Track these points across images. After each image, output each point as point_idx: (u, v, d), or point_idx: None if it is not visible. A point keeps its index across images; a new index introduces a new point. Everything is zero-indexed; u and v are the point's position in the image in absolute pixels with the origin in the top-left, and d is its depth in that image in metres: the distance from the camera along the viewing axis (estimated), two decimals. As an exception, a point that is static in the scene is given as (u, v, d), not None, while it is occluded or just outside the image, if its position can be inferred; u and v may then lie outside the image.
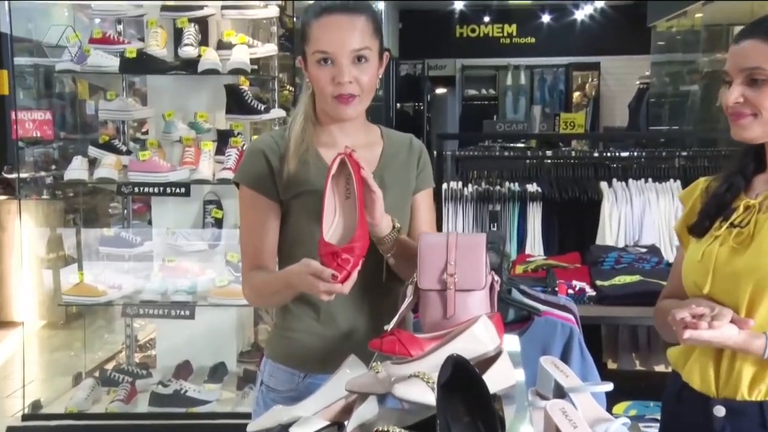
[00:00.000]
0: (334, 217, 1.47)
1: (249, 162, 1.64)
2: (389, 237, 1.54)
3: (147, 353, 4.05)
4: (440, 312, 1.40)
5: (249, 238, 1.63)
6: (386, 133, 1.72)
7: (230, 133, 3.48)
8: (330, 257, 1.36)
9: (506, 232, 3.69)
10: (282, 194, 1.60)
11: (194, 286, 3.47)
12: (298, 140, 1.60)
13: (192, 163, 3.44)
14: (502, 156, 4.27)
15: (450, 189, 3.79)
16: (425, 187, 1.72)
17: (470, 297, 1.40)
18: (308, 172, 1.59)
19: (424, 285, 1.42)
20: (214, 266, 3.53)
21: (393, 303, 1.55)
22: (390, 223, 1.54)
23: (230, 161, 3.37)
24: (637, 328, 3.27)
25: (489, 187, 3.82)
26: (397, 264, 1.59)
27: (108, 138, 3.67)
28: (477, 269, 1.41)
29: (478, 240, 1.45)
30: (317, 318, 1.62)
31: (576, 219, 3.75)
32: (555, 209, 3.77)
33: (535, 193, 3.75)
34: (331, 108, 1.57)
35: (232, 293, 3.35)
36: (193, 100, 3.61)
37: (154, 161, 3.40)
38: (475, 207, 3.76)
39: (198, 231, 3.55)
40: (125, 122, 3.76)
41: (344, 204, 1.48)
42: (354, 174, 1.45)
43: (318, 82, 1.55)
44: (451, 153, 4.12)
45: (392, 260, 1.58)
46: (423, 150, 1.73)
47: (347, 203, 1.48)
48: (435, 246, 1.43)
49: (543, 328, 2.02)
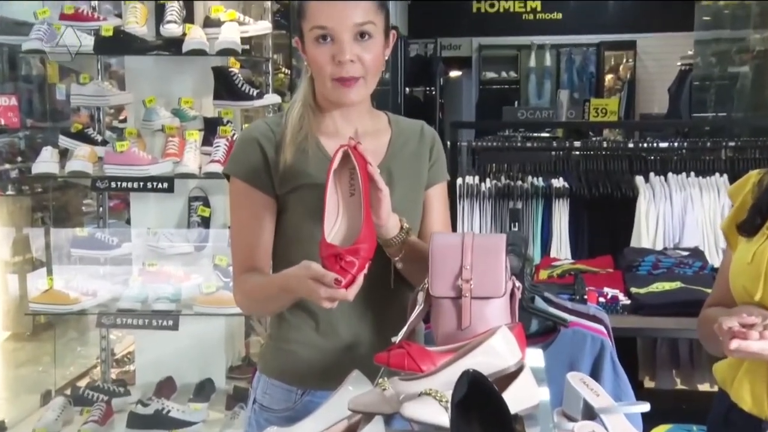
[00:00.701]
0: (337, 215, 1.47)
1: (241, 151, 1.64)
2: (397, 239, 1.54)
3: (125, 368, 4.06)
4: (454, 322, 1.41)
5: (241, 237, 1.63)
6: (394, 120, 1.72)
7: (219, 122, 3.46)
8: (332, 260, 1.37)
9: (529, 233, 3.73)
10: (278, 188, 1.60)
11: (178, 293, 3.46)
12: (295, 128, 1.60)
13: (176, 155, 3.43)
14: (524, 147, 4.32)
15: (465, 184, 3.84)
16: (438, 181, 1.72)
17: (488, 305, 1.40)
18: (307, 163, 1.59)
19: (437, 292, 1.43)
20: (201, 271, 3.53)
21: (401, 312, 1.55)
22: (397, 223, 1.55)
23: (219, 153, 3.36)
24: (677, 341, 3.27)
25: (509, 182, 3.88)
26: (406, 268, 1.59)
27: (81, 127, 3.66)
28: (496, 274, 1.41)
29: (497, 241, 1.45)
30: (317, 328, 1.63)
31: (608, 218, 3.77)
32: (584, 207, 3.78)
33: (561, 188, 3.78)
34: (332, 92, 1.57)
35: (220, 301, 3.35)
36: (176, 84, 3.61)
37: (132, 153, 3.39)
38: (494, 204, 3.79)
39: (182, 231, 3.55)
40: (100, 109, 3.76)
41: (348, 201, 1.48)
42: (359, 168, 1.45)
43: (316, 62, 1.55)
44: (467, 144, 4.13)
45: (400, 264, 1.58)
46: (436, 139, 1.74)
47: (352, 200, 1.48)
48: (449, 248, 1.43)
49: (570, 340, 2.02)
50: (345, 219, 1.47)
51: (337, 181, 1.48)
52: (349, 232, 1.45)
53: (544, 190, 3.78)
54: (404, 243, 1.55)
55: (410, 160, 1.68)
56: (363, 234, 1.40)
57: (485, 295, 1.40)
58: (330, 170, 1.46)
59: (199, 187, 3.56)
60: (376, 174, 1.47)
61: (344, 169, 1.49)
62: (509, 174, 3.92)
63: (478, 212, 3.79)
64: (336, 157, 1.47)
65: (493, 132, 6.14)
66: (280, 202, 1.62)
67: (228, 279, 3.40)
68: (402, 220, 1.56)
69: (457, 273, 1.41)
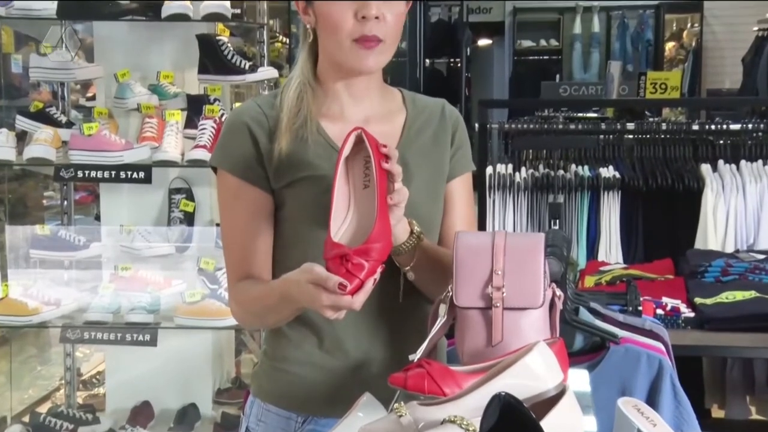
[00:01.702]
0: (347, 211, 1.48)
1: (228, 139, 1.65)
2: (406, 245, 1.55)
3: (93, 391, 4.10)
4: (483, 337, 1.41)
5: (234, 240, 1.65)
6: (410, 98, 1.72)
7: (204, 100, 3.47)
8: (338, 261, 1.38)
9: (572, 232, 3.72)
10: (273, 181, 1.61)
11: (157, 303, 3.48)
12: (292, 110, 1.60)
13: (154, 139, 3.44)
14: (566, 130, 4.28)
15: (497, 174, 3.84)
16: (463, 172, 1.72)
17: (523, 317, 1.41)
18: (307, 151, 1.60)
19: (463, 301, 1.43)
20: (184, 276, 3.55)
21: (420, 325, 1.56)
22: (406, 227, 1.55)
23: (204, 137, 3.37)
24: (752, 362, 3.26)
25: (549, 171, 3.87)
26: (420, 279, 1.60)
27: (42, 105, 3.68)
28: (532, 281, 1.41)
29: (533, 242, 1.45)
30: (320, 344, 1.63)
31: (667, 214, 3.75)
32: (638, 201, 3.78)
33: (611, 179, 3.77)
34: (349, 56, 1.56)
35: (206, 311, 3.38)
36: (154, 55, 3.63)
37: (103, 136, 3.42)
38: (531, 198, 3.78)
39: (162, 229, 3.56)
40: (65, 84, 3.80)
41: (361, 195, 1.49)
42: (373, 156, 1.45)
43: (331, 18, 1.55)
44: (498, 126, 4.12)
45: (412, 275, 1.59)
46: (459, 121, 1.74)
47: (365, 194, 1.48)
48: (477, 250, 1.43)
49: (622, 360, 2.02)
50: (355, 215, 1.48)
51: (347, 171, 1.48)
52: (359, 230, 1.46)
53: (590, 181, 3.76)
54: (415, 250, 1.56)
55: (429, 146, 1.68)
56: (375, 232, 1.40)
57: (520, 305, 1.40)
58: (340, 157, 1.46)
59: (182, 177, 3.57)
60: (396, 168, 1.46)
61: (357, 156, 1.49)
62: (549, 162, 3.92)
63: (512, 207, 3.78)
64: (348, 141, 1.47)
65: (529, 112, 6.11)
66: (275, 198, 1.63)
67: (215, 286, 3.43)
68: (412, 223, 1.56)
69: (486, 279, 1.41)
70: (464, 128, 1.74)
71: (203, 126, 3.41)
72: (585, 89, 7.08)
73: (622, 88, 6.51)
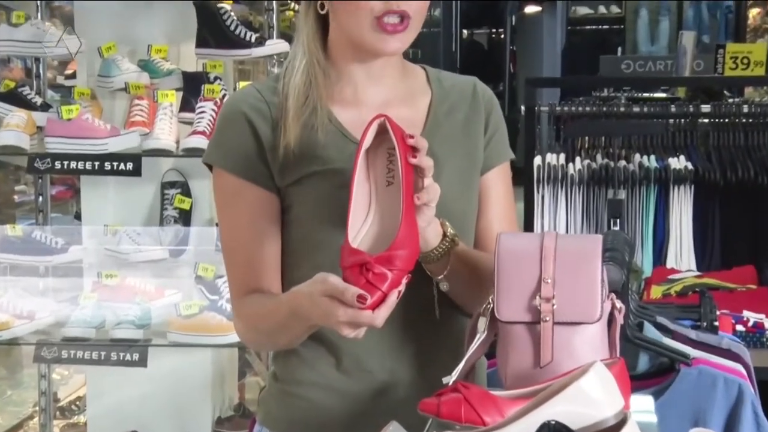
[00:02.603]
0: (367, 212, 1.48)
1: (224, 132, 1.66)
2: (438, 251, 1.55)
3: (72, 420, 4.11)
4: (530, 357, 1.41)
5: (236, 249, 1.66)
6: (435, 77, 1.73)
7: (203, 78, 3.46)
8: (356, 271, 1.38)
9: (636, 234, 3.68)
10: (278, 179, 1.63)
11: (147, 316, 3.46)
12: (299, 96, 1.61)
13: (144, 125, 3.44)
14: (630, 113, 4.22)
15: (546, 165, 3.79)
16: (500, 162, 1.73)
17: (577, 334, 1.40)
18: (316, 143, 1.61)
19: (506, 315, 1.43)
20: (179, 284, 3.55)
21: (455, 342, 1.57)
22: (438, 229, 1.55)
23: (203, 122, 3.36)
24: None
25: (608, 162, 3.80)
26: (454, 290, 1.60)
27: (13, 85, 3.69)
28: (588, 291, 1.41)
29: (590, 245, 1.44)
30: (338, 365, 1.64)
31: (749, 213, 3.73)
32: (715, 197, 3.76)
33: (683, 171, 3.75)
34: (370, 37, 1.56)
35: (205, 326, 3.37)
36: (145, 26, 3.62)
37: (84, 121, 3.40)
38: (587, 193, 3.77)
39: (153, 230, 3.55)
40: (40, 60, 3.81)
41: (383, 193, 1.49)
42: (399, 148, 1.45)
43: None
44: (549, 109, 4.11)
45: (446, 285, 1.59)
46: (494, 101, 1.74)
47: (388, 192, 1.49)
48: (522, 255, 1.43)
49: (695, 384, 2.01)
50: (377, 217, 1.48)
51: (369, 165, 1.49)
52: (382, 235, 1.47)
53: (658, 174, 3.74)
54: (448, 255, 1.56)
55: (459, 133, 1.68)
56: (400, 236, 1.41)
57: (573, 319, 1.40)
58: (360, 149, 1.46)
59: (177, 168, 3.57)
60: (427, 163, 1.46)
61: (380, 148, 1.49)
62: (608, 151, 3.90)
63: (564, 204, 3.76)
64: (369, 130, 1.47)
65: (586, 92, 6.09)
66: (282, 198, 1.64)
67: (215, 296, 3.44)
68: (444, 225, 1.56)
69: (533, 289, 1.41)
70: (500, 110, 1.75)
71: (202, 109, 3.39)
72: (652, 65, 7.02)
73: (697, 63, 6.45)
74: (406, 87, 1.68)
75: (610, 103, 4.65)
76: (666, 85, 7.20)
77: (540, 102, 4.14)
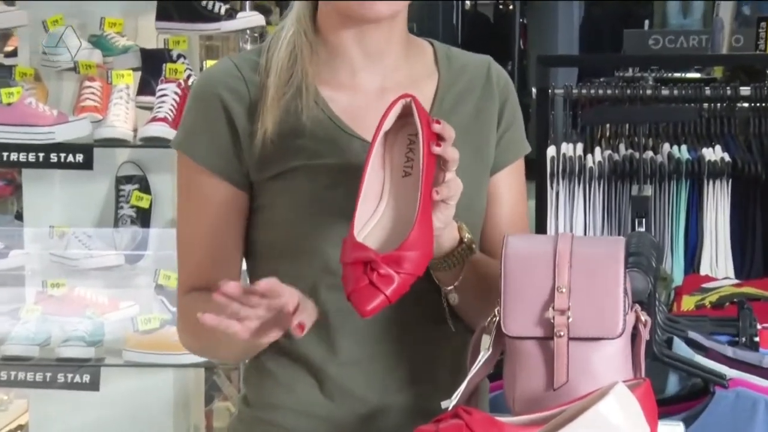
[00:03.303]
0: (378, 203, 1.49)
1: (195, 116, 1.66)
2: (453, 258, 1.54)
3: (13, 452, 4.05)
4: (542, 377, 1.42)
5: (192, 242, 1.67)
6: (444, 55, 1.72)
7: (165, 56, 3.54)
8: (359, 268, 1.37)
9: (664, 236, 3.71)
10: (254, 172, 1.62)
11: (99, 331, 3.51)
12: (283, 74, 1.60)
13: (96, 110, 3.50)
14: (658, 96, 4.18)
15: (561, 157, 3.78)
16: (514, 159, 1.73)
17: (596, 351, 1.42)
18: (301, 132, 1.60)
19: (514, 329, 1.44)
20: (136, 295, 3.61)
21: (455, 361, 1.59)
22: (454, 233, 1.54)
23: (165, 107, 3.43)
24: None
25: (633, 152, 3.79)
26: (464, 303, 1.59)
27: (-59, 64, 3.72)
28: (609, 302, 1.42)
29: (611, 249, 1.45)
30: (320, 386, 1.63)
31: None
32: (755, 194, 3.75)
33: (718, 164, 3.71)
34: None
35: (166, 343, 3.39)
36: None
37: (27, 106, 3.43)
38: (607, 189, 3.77)
39: (106, 232, 3.61)
40: (-26, 35, 3.83)
41: (398, 184, 1.49)
42: (423, 135, 1.44)
43: None
44: (565, 91, 4.09)
45: (456, 297, 1.58)
46: (509, 88, 1.73)
47: (404, 184, 1.49)
48: (533, 260, 1.44)
49: (732, 409, 2.07)
50: (389, 210, 1.49)
51: (385, 151, 1.49)
52: (392, 231, 1.46)
53: (690, 167, 3.72)
54: (463, 264, 1.55)
55: (469, 122, 1.67)
56: (414, 235, 1.40)
57: (592, 334, 1.41)
58: (379, 131, 1.46)
59: (134, 161, 3.63)
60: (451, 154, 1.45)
61: (400, 133, 1.49)
62: (633, 140, 3.88)
63: (582, 202, 3.76)
64: (391, 111, 1.46)
65: (607, 72, 6.08)
66: (257, 194, 1.64)
67: (178, 309, 3.43)
68: (462, 229, 1.55)
69: (546, 299, 1.41)
70: (516, 98, 1.73)
71: (163, 92, 3.46)
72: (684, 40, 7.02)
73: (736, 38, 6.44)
74: (409, 68, 1.67)
75: (635, 85, 4.56)
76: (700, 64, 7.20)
77: (554, 84, 4.11)
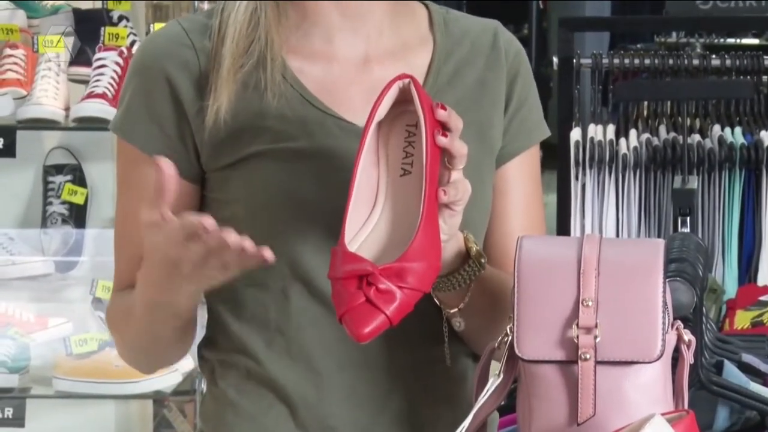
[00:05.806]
0: (372, 208, 1.43)
1: (136, 94, 1.57)
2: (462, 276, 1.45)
3: None
4: (564, 409, 1.35)
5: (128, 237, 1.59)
6: (440, 19, 1.62)
7: (104, 18, 3.53)
8: (353, 284, 1.31)
9: (713, 237, 3.60)
10: (207, 160, 1.54)
11: (24, 356, 3.45)
12: (240, 38, 1.52)
13: (19, 84, 3.46)
14: (706, 67, 4.09)
15: (589, 142, 3.68)
16: (527, 146, 1.62)
17: (629, 378, 1.35)
18: (263, 110, 1.51)
19: (530, 352, 1.36)
20: (69, 311, 3.57)
21: (457, 390, 1.53)
22: (460, 245, 1.45)
23: (104, 80, 3.36)
24: None
25: (676, 136, 3.69)
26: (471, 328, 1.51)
27: None
28: (644, 318, 1.35)
29: (647, 254, 1.37)
30: (292, 415, 1.55)
31: None
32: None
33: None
34: None
35: (106, 370, 3.33)
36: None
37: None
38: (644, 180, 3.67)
39: (33, 233, 3.56)
40: None
41: (395, 185, 1.44)
42: (425, 123, 1.36)
43: None
44: (593, 62, 3.92)
45: (461, 322, 1.50)
46: (521, 59, 1.62)
47: (402, 184, 1.43)
48: (552, 267, 1.37)
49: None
50: (385, 215, 1.43)
51: (378, 144, 1.42)
52: (389, 240, 1.41)
53: (745, 153, 3.63)
54: (470, 284, 1.46)
55: (471, 100, 1.57)
56: (417, 243, 1.34)
57: (624, 357, 1.34)
58: (370, 120, 1.37)
59: (66, 147, 3.58)
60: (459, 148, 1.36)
61: (396, 122, 1.42)
62: (675, 121, 3.76)
63: (613, 196, 3.65)
64: (385, 95, 1.37)
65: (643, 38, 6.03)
66: (211, 186, 1.56)
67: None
68: (469, 240, 1.46)
69: (568, 315, 1.34)
70: (529, 70, 1.63)
71: (101, 62, 3.39)
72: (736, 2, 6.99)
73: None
74: (398, 33, 1.58)
75: (679, 54, 4.48)
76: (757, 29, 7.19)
77: (580, 52, 3.95)
